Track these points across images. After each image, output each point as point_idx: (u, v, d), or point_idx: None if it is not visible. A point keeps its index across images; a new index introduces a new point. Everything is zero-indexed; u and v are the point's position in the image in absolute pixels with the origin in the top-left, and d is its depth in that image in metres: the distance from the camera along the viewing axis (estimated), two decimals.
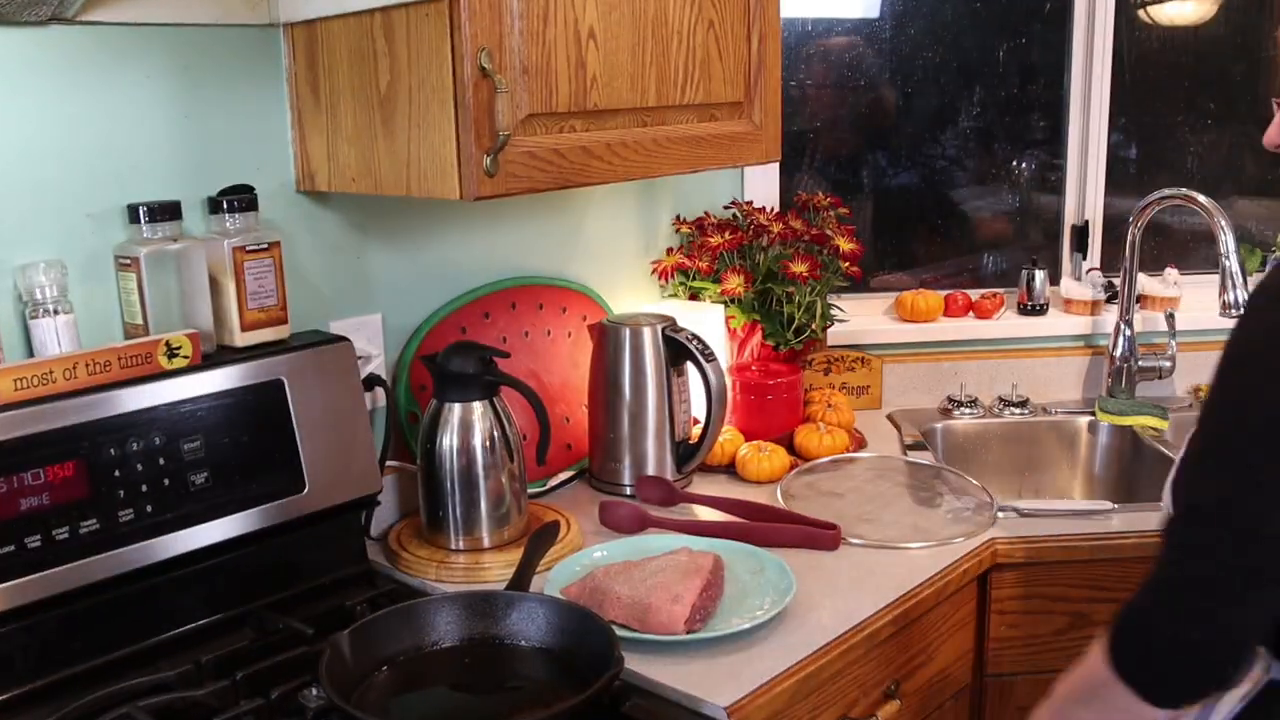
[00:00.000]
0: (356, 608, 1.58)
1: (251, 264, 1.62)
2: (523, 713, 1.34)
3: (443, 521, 1.76)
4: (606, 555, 1.72)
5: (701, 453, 2.05)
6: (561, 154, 1.57)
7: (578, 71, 1.57)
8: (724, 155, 1.84)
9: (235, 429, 1.56)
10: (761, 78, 1.86)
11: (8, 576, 1.36)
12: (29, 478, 1.38)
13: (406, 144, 1.54)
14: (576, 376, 2.15)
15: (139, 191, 1.59)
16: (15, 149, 1.48)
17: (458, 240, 2.00)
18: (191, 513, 1.51)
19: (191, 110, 1.63)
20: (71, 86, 1.52)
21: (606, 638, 1.36)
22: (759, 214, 2.39)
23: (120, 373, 1.47)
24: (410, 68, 1.51)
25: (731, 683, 1.40)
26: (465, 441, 1.73)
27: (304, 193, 1.77)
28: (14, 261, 1.49)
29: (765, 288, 2.30)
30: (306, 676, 1.38)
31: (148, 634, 1.50)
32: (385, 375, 1.91)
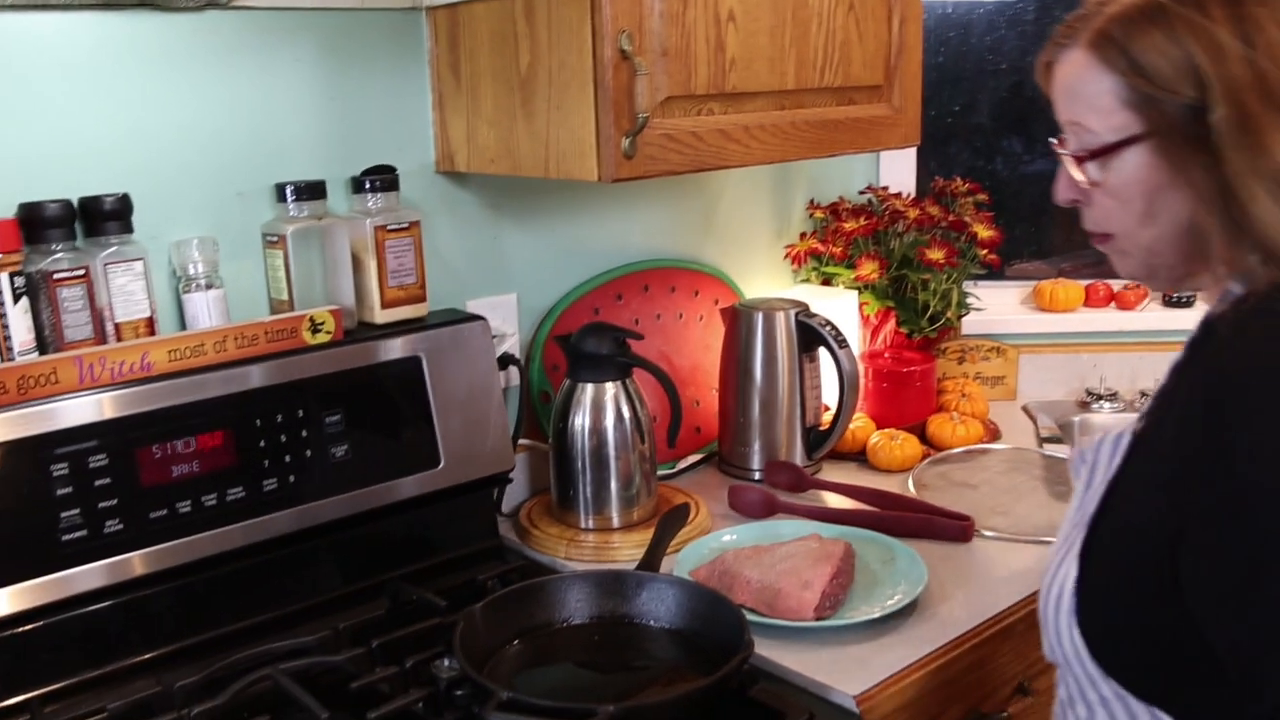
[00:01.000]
0: (487, 582, 1.61)
1: (392, 243, 1.65)
2: (650, 693, 1.34)
3: (573, 500, 1.78)
4: (736, 539, 1.72)
5: (832, 439, 2.04)
6: (699, 137, 1.57)
7: (717, 54, 1.57)
8: (862, 139, 1.82)
9: (374, 404, 1.59)
10: (902, 61, 1.83)
11: (160, 539, 1.42)
12: (180, 446, 1.43)
13: (545, 125, 1.56)
14: (707, 360, 2.15)
15: (286, 171, 1.64)
16: (174, 131, 1.54)
17: (592, 222, 2.02)
18: (331, 484, 1.55)
19: (337, 92, 1.67)
20: (226, 70, 1.56)
21: (736, 621, 1.36)
22: (895, 199, 2.36)
23: (267, 346, 1.51)
24: (550, 50, 1.52)
25: (861, 671, 1.39)
26: (597, 422, 1.75)
27: (443, 173, 1.80)
28: (170, 237, 1.54)
29: (900, 274, 2.27)
30: (439, 647, 1.40)
31: (288, 600, 1.55)
32: (519, 354, 1.93)
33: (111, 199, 1.44)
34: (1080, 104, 1.10)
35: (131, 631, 1.43)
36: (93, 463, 1.37)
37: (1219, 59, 0.99)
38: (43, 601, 1.34)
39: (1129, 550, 1.07)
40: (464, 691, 1.31)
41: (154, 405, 1.41)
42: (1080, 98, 1.10)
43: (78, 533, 1.36)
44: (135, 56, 1.49)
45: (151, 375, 1.42)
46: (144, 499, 1.41)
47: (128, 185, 1.48)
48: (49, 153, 1.44)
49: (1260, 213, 0.99)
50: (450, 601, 1.52)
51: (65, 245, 1.41)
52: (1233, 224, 1.00)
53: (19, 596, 1.32)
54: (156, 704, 1.34)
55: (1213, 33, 1.00)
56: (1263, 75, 0.98)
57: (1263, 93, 0.98)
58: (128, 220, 1.46)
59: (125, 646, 1.42)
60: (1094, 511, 1.12)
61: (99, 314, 1.44)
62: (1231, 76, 0.99)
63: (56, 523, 1.35)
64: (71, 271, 1.40)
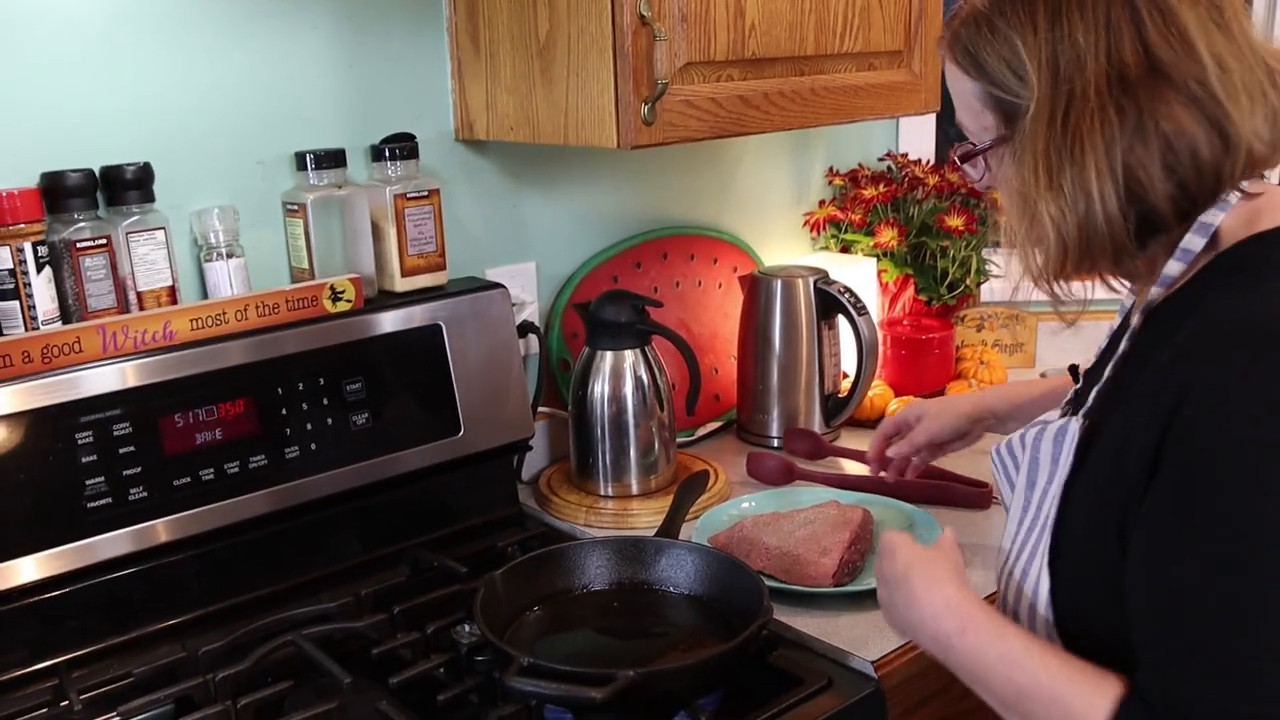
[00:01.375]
0: (507, 549, 1.62)
1: (412, 211, 1.65)
2: (669, 658, 1.35)
3: (592, 468, 1.79)
4: (754, 506, 1.73)
5: (851, 406, 2.04)
6: (718, 103, 1.56)
7: (736, 20, 1.56)
8: (882, 105, 1.81)
9: (395, 372, 1.60)
10: (922, 26, 1.82)
11: (184, 507, 1.43)
12: (203, 414, 1.44)
13: (565, 93, 1.55)
14: (726, 327, 2.15)
15: (305, 139, 1.64)
16: (194, 98, 1.54)
17: (611, 190, 2.02)
18: (352, 452, 1.56)
19: (356, 60, 1.67)
20: (246, 37, 1.56)
21: (755, 587, 1.37)
22: (914, 166, 2.35)
23: (288, 314, 1.52)
24: (569, 16, 1.51)
25: (879, 638, 1.40)
26: (616, 389, 1.75)
27: (462, 141, 1.79)
28: (191, 206, 1.55)
29: (919, 241, 2.27)
30: (460, 613, 1.41)
31: (310, 567, 1.56)
32: (538, 322, 1.94)
33: (133, 168, 1.45)
34: (960, 107, 1.13)
35: (156, 598, 1.44)
36: (116, 431, 1.38)
37: (1035, 60, 1.02)
38: (69, 568, 1.36)
39: (1101, 560, 1.03)
40: (485, 657, 1.33)
41: (176, 374, 1.42)
42: (958, 100, 1.13)
43: (102, 500, 1.37)
44: (155, 25, 1.49)
45: (174, 344, 1.43)
46: (167, 467, 1.42)
47: (149, 154, 1.49)
48: (70, 122, 1.45)
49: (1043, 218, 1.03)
50: (470, 568, 1.53)
51: (87, 214, 1.42)
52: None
53: (45, 563, 1.34)
54: (181, 669, 1.36)
55: (1035, 31, 1.02)
56: (1066, 78, 1.01)
57: (1063, 96, 1.00)
58: (149, 189, 1.47)
59: (150, 613, 1.44)
60: (1054, 518, 1.08)
61: (121, 283, 1.45)
62: (1043, 78, 1.01)
63: (81, 490, 1.36)
64: (94, 241, 1.41)
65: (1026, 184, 1.03)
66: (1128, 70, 0.99)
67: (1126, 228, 1.00)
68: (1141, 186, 0.99)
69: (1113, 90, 0.99)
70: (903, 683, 1.38)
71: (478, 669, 1.33)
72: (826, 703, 1.29)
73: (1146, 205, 1.00)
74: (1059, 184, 1.01)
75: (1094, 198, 0.99)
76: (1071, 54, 1.00)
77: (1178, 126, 0.98)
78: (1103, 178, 0.99)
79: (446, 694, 1.29)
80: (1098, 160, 0.99)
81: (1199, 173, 0.99)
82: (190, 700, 1.30)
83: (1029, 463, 1.15)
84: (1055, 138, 1.01)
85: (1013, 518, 1.18)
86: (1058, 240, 1.03)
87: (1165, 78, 0.98)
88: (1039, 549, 1.10)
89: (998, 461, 1.25)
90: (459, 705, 1.30)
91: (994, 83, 1.06)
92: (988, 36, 1.05)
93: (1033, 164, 1.03)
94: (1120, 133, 0.98)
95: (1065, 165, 1.01)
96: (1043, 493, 1.12)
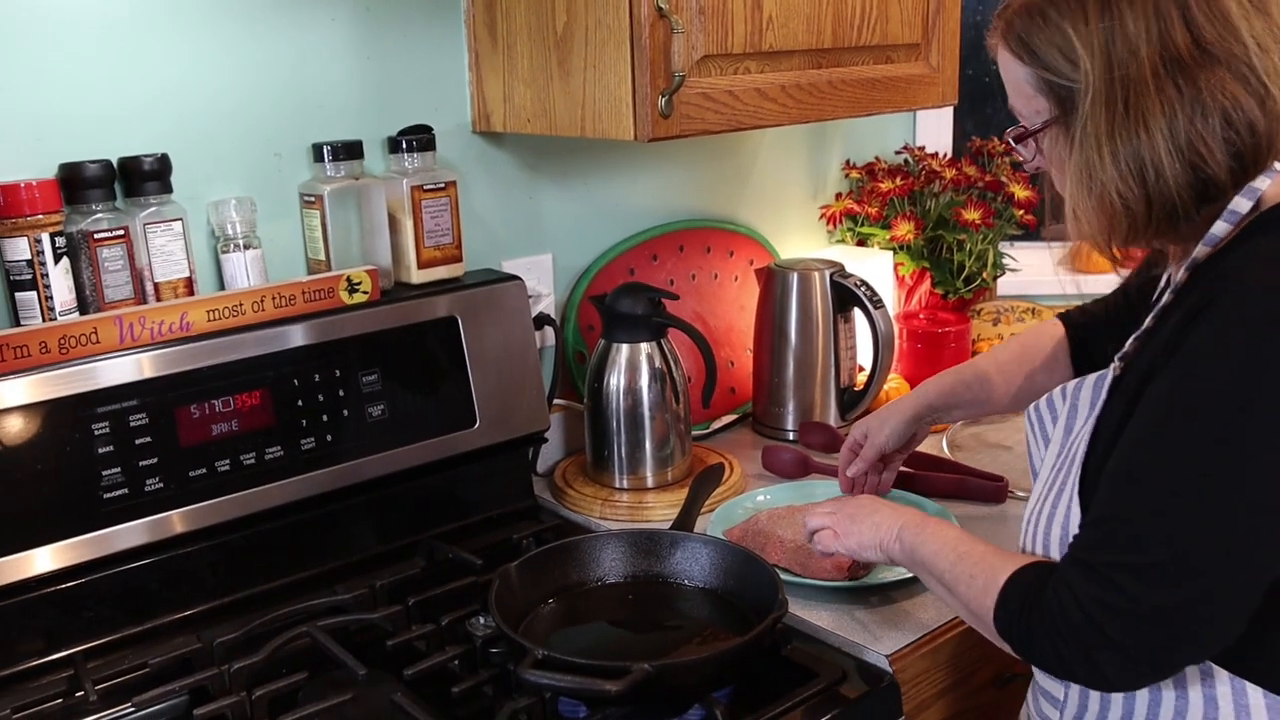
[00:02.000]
0: (523, 541, 1.62)
1: (429, 203, 1.65)
2: (684, 651, 1.35)
3: (608, 460, 1.79)
4: (770, 499, 1.73)
5: (866, 400, 2.03)
6: (735, 96, 1.56)
7: (754, 12, 1.55)
8: (899, 98, 1.80)
9: (411, 363, 1.60)
10: (940, 18, 1.81)
11: (200, 498, 1.43)
12: (219, 405, 1.44)
13: (582, 85, 1.55)
14: (742, 320, 2.15)
15: (323, 131, 1.64)
16: (212, 90, 1.54)
17: (628, 182, 2.01)
18: (368, 444, 1.56)
19: (373, 51, 1.67)
20: (264, 28, 1.56)
21: (770, 580, 1.36)
22: (931, 159, 2.34)
23: (304, 306, 1.52)
24: (587, 8, 1.51)
25: (894, 631, 1.40)
26: (632, 382, 1.75)
27: (480, 133, 1.79)
28: (208, 198, 1.55)
29: (935, 235, 2.26)
30: (475, 605, 1.41)
31: (326, 558, 1.57)
32: (554, 315, 1.94)
33: (150, 159, 1.45)
34: (1012, 92, 1.18)
35: (171, 589, 1.45)
36: (133, 422, 1.39)
37: (1089, 48, 1.07)
38: (85, 559, 1.36)
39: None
40: (499, 649, 1.33)
41: (193, 365, 1.43)
42: (1011, 86, 1.18)
43: (118, 491, 1.38)
44: (173, 17, 1.49)
45: (190, 335, 1.43)
46: (183, 458, 1.42)
47: (166, 145, 1.49)
48: (88, 113, 1.45)
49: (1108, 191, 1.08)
50: (485, 560, 1.53)
51: (105, 205, 1.42)
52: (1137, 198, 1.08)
53: (62, 554, 1.34)
54: (196, 660, 1.36)
55: (1086, 21, 1.07)
56: (1121, 63, 1.06)
57: (1119, 80, 1.06)
58: (166, 180, 1.47)
59: (166, 603, 1.45)
60: (1084, 453, 1.14)
61: (138, 274, 1.45)
62: (1097, 65, 1.07)
63: (98, 481, 1.36)
64: (111, 231, 1.41)
65: (1092, 163, 1.08)
66: (1180, 52, 1.04)
67: (1191, 196, 1.07)
68: (1202, 158, 1.05)
69: (1169, 71, 1.04)
70: (917, 676, 1.38)
71: (492, 661, 1.33)
72: (841, 696, 1.29)
73: (1207, 174, 1.05)
74: (1125, 161, 1.06)
75: (1163, 171, 1.05)
76: (1123, 40, 1.05)
77: (1234, 100, 1.04)
78: (1169, 152, 1.05)
79: (461, 686, 1.29)
80: (1163, 136, 1.05)
81: (1255, 142, 1.05)
82: (205, 691, 1.30)
83: (1068, 411, 1.22)
84: (1118, 119, 1.06)
85: (1045, 464, 1.24)
86: (1125, 211, 1.08)
87: (1214, 58, 1.04)
88: (1068, 484, 1.15)
89: (1034, 417, 1.30)
90: (474, 697, 1.30)
91: (1047, 68, 1.11)
92: (1040, 25, 1.10)
93: (1095, 144, 1.08)
94: (1181, 109, 1.04)
95: (1130, 142, 1.06)
96: (1075, 435, 1.18)
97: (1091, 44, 1.07)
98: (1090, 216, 1.11)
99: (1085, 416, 1.18)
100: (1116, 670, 1.03)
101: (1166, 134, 1.05)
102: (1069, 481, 1.15)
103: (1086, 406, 1.18)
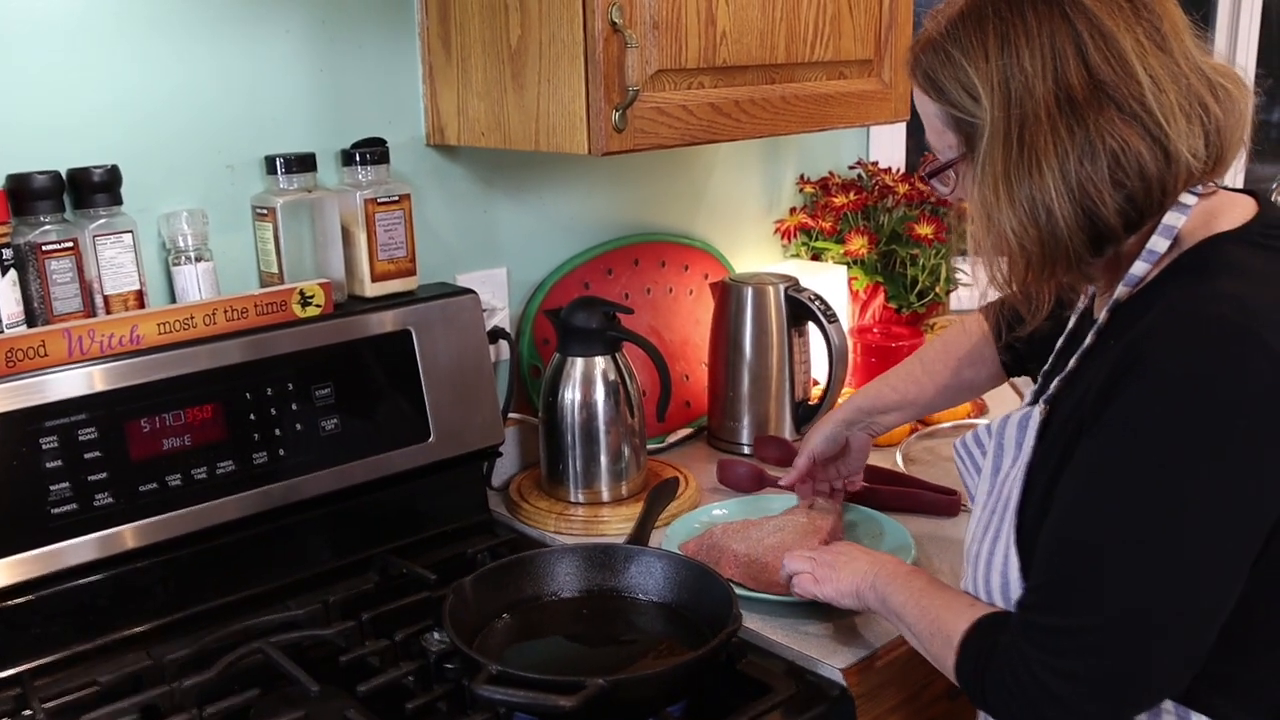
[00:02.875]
0: (477, 556, 1.61)
1: (382, 216, 1.65)
2: (639, 666, 1.35)
3: (563, 474, 1.79)
4: (725, 514, 1.73)
5: (821, 413, 2.03)
6: (690, 110, 1.56)
7: (708, 27, 1.56)
8: (852, 114, 1.81)
9: (364, 377, 1.59)
10: (893, 35, 1.83)
11: (151, 512, 1.42)
12: (170, 419, 1.43)
13: (536, 99, 1.55)
14: (697, 334, 2.16)
15: (276, 144, 1.63)
16: (163, 101, 1.53)
17: (583, 196, 2.01)
18: (321, 458, 1.55)
19: (327, 64, 1.66)
20: (216, 40, 1.55)
21: (725, 595, 1.37)
22: (884, 174, 2.36)
23: (257, 319, 1.51)
24: (541, 22, 1.51)
25: (848, 645, 1.40)
26: (587, 396, 1.75)
27: (434, 146, 1.79)
28: (159, 210, 1.54)
29: (889, 249, 2.28)
30: (429, 620, 1.41)
31: (278, 573, 1.55)
32: (509, 328, 1.93)
33: (100, 171, 1.44)
34: (926, 126, 1.19)
35: (122, 605, 1.43)
36: (82, 436, 1.37)
37: (987, 85, 1.07)
38: (33, 575, 1.34)
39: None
40: (453, 665, 1.33)
41: (143, 378, 1.41)
42: (925, 120, 1.19)
43: (67, 506, 1.36)
44: (124, 27, 1.48)
45: (141, 348, 1.42)
46: (134, 472, 1.41)
47: (117, 157, 1.47)
48: (37, 124, 1.43)
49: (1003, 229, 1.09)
50: (440, 575, 1.52)
51: (54, 217, 1.40)
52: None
53: (9, 570, 1.32)
54: (147, 677, 1.35)
55: (986, 58, 1.07)
56: (1018, 101, 1.06)
57: (1015, 119, 1.06)
58: (116, 192, 1.46)
59: (116, 620, 1.43)
60: (1018, 497, 1.14)
61: (88, 286, 1.43)
62: (996, 102, 1.07)
63: (46, 496, 1.35)
64: (60, 244, 1.40)
65: (988, 201, 1.09)
66: (1074, 91, 1.04)
67: (1083, 240, 1.06)
68: (1092, 200, 1.04)
69: (1062, 111, 1.04)
70: (871, 690, 1.39)
71: (447, 677, 1.33)
72: (794, 710, 1.30)
73: (1098, 217, 1.05)
74: (1019, 200, 1.06)
75: (1053, 212, 1.05)
76: (1020, 78, 1.05)
77: (1123, 143, 1.03)
78: (1059, 194, 1.05)
79: (415, 702, 1.29)
80: (1053, 177, 1.04)
81: (1146, 186, 1.05)
82: (156, 709, 1.29)
83: (995, 449, 1.22)
84: (1012, 157, 1.06)
85: (978, 503, 1.24)
86: (1020, 251, 1.08)
87: (1109, 98, 1.04)
88: (1003, 530, 1.15)
89: (962, 452, 1.32)
90: (428, 713, 1.29)
91: (952, 104, 1.11)
92: (944, 62, 1.11)
93: (993, 182, 1.08)
94: (1071, 150, 1.04)
95: (1024, 182, 1.06)
96: (1005, 476, 1.19)
97: (991, 80, 1.07)
98: (989, 255, 1.12)
99: (1014, 457, 1.18)
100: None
101: (1058, 175, 1.04)
102: (1004, 527, 1.16)
103: (1013, 447, 1.19)
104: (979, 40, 1.07)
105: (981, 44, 1.07)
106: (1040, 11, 1.05)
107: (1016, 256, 1.09)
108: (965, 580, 1.22)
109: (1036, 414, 1.16)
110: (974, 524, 1.23)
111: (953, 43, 1.10)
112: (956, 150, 1.15)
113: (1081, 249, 1.07)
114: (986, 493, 1.22)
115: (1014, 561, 1.13)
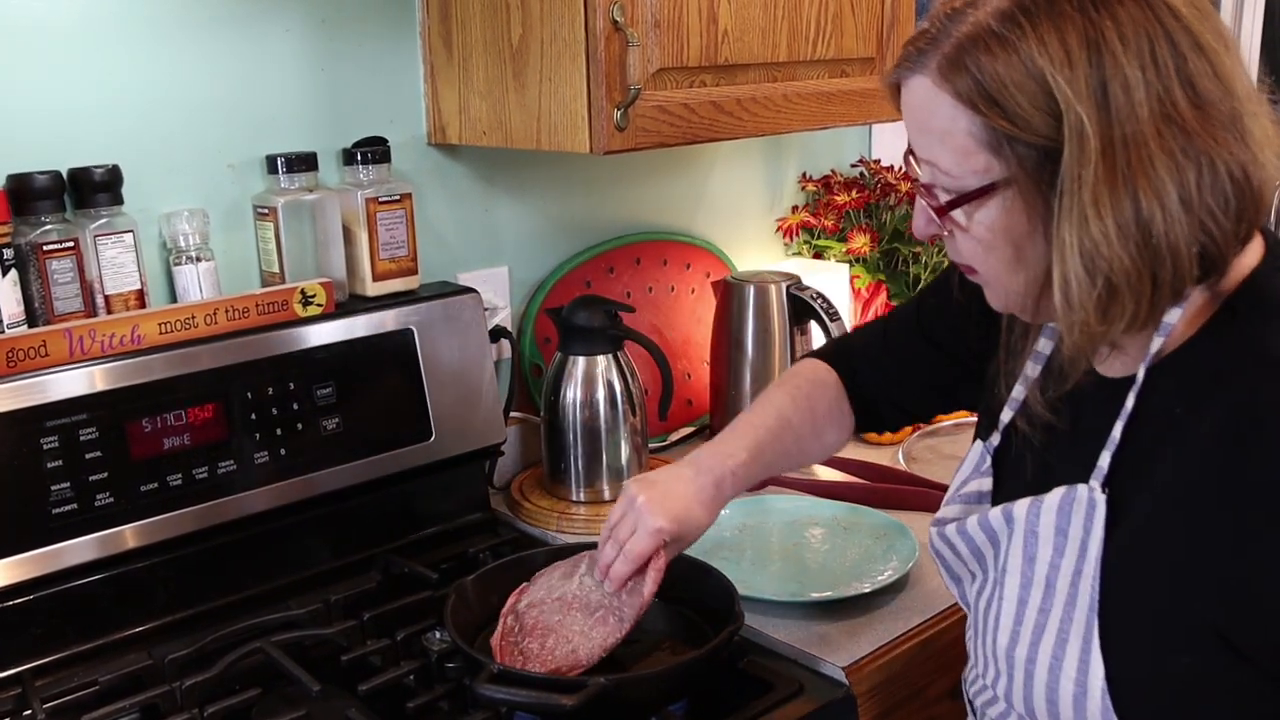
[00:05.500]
0: (479, 555, 1.61)
1: (384, 215, 1.65)
2: (641, 665, 1.35)
3: (565, 473, 1.78)
4: (727, 513, 1.72)
5: None
6: (691, 109, 1.56)
7: (709, 26, 1.56)
8: (854, 112, 1.81)
9: (366, 377, 1.59)
10: (894, 33, 1.83)
11: (152, 512, 1.42)
12: (171, 418, 1.43)
13: (537, 97, 1.55)
14: (699, 333, 2.15)
15: (277, 143, 1.63)
16: (165, 102, 1.53)
17: (584, 195, 2.01)
18: (322, 457, 1.55)
19: (327, 63, 1.66)
20: (216, 40, 1.55)
21: (727, 593, 1.36)
22: (887, 173, 2.36)
23: (258, 319, 1.51)
24: (543, 21, 1.51)
25: (850, 644, 1.40)
26: (589, 395, 1.75)
27: (435, 145, 1.79)
28: (160, 209, 1.54)
29: (891, 247, 2.27)
30: (430, 620, 1.41)
31: (279, 573, 1.55)
32: (511, 327, 1.93)
33: (101, 170, 1.43)
34: (934, 142, 0.98)
35: (122, 605, 1.43)
36: (83, 436, 1.37)
37: (1079, 98, 0.90)
38: (34, 575, 1.34)
39: (1174, 636, 0.96)
40: (455, 664, 1.33)
41: (144, 378, 1.41)
42: (934, 134, 0.98)
43: (68, 506, 1.36)
44: (126, 27, 1.48)
45: (142, 348, 1.42)
46: (134, 472, 1.40)
47: (118, 157, 1.47)
48: (38, 123, 1.43)
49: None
50: (441, 574, 1.52)
51: (54, 217, 1.40)
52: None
53: (10, 570, 1.32)
54: (148, 677, 1.35)
55: (1071, 65, 0.90)
56: (1115, 115, 0.90)
57: (1112, 136, 0.90)
58: (117, 192, 1.46)
59: (116, 620, 1.43)
60: (1097, 594, 0.99)
61: (89, 286, 1.43)
62: (1093, 120, 0.90)
63: (47, 496, 1.34)
64: (61, 243, 1.39)
65: (1094, 239, 0.91)
66: (1180, 109, 0.90)
67: (1193, 271, 0.93)
68: (1209, 226, 0.91)
69: (1174, 129, 0.90)
70: (873, 688, 1.39)
71: (448, 676, 1.33)
72: (797, 708, 1.29)
73: (1215, 241, 0.92)
74: (1130, 233, 0.91)
75: (1175, 244, 0.91)
76: (1122, 93, 0.89)
77: (1238, 161, 0.91)
78: (1176, 221, 0.90)
79: (416, 701, 1.28)
80: (1170, 204, 0.90)
81: (1257, 205, 0.93)
82: (156, 709, 1.29)
83: (1024, 535, 1.07)
84: (1118, 185, 0.90)
85: (1009, 597, 1.08)
86: (1130, 291, 0.92)
87: (1212, 117, 0.91)
88: (1072, 632, 1.01)
89: (958, 540, 1.17)
90: (429, 712, 1.29)
91: (1010, 120, 0.92)
92: (1009, 67, 0.91)
93: (1096, 214, 0.90)
94: (1189, 172, 0.90)
95: (1138, 213, 0.90)
96: (1053, 567, 1.04)
97: (1080, 93, 0.89)
98: (1089, 301, 0.93)
99: (1059, 546, 1.03)
100: None
101: (1176, 201, 0.90)
102: (1072, 628, 1.01)
103: (1055, 535, 1.03)
104: (1058, 40, 0.90)
105: (1062, 44, 0.89)
106: (1131, 11, 0.90)
107: (1125, 298, 0.92)
108: (1000, 684, 1.10)
109: (1095, 498, 1.00)
110: (1010, 621, 1.07)
111: (1019, 38, 0.90)
112: (993, 175, 0.95)
113: (1187, 282, 0.93)
114: (1020, 585, 1.06)
115: (1096, 669, 0.99)
